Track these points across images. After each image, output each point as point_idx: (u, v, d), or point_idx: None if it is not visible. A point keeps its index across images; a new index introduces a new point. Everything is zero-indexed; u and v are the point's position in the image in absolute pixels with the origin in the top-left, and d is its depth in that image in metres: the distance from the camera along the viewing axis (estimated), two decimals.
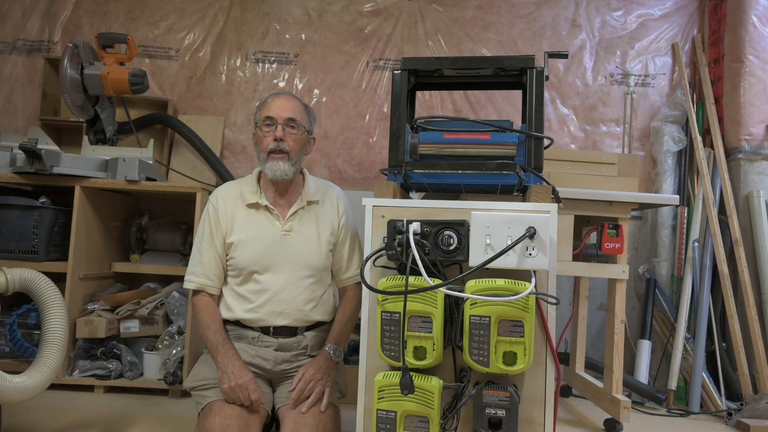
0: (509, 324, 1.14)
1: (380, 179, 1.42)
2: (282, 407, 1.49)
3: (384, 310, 1.19)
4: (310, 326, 1.61)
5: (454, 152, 1.39)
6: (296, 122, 1.56)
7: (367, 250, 1.29)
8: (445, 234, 1.21)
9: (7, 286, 1.55)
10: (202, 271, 1.57)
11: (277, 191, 1.62)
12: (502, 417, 1.15)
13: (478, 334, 1.14)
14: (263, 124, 1.55)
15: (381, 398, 1.18)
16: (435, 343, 1.17)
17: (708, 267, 2.61)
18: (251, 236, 1.56)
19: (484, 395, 1.16)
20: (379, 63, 3.01)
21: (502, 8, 3.04)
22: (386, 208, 1.30)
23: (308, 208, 1.63)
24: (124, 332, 2.32)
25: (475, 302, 1.14)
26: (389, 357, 1.19)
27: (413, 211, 1.29)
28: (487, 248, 1.17)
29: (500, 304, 1.13)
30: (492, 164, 1.34)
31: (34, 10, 3.00)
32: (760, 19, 2.75)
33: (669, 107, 2.91)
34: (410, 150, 1.38)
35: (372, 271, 1.30)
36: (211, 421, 1.36)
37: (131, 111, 2.74)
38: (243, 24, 3.03)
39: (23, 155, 2.19)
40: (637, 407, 2.45)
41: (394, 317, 1.17)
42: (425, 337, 1.17)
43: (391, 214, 1.29)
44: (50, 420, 1.90)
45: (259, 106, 1.60)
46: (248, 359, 1.54)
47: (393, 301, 1.17)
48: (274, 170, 1.54)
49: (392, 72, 1.45)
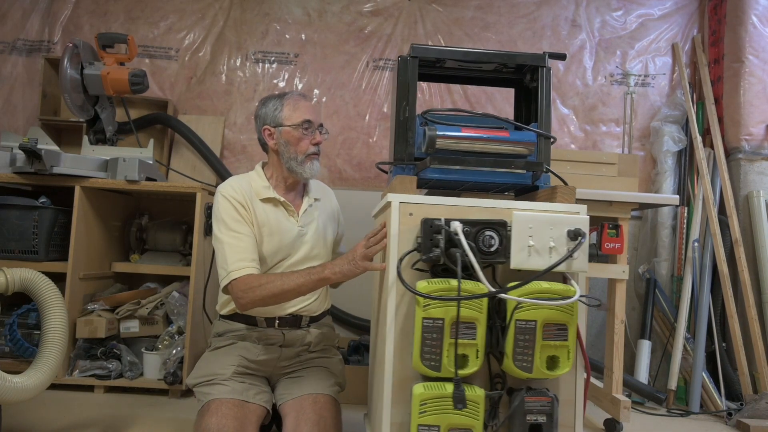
0: (554, 327, 1.11)
1: (378, 178, 1.41)
2: (283, 403, 1.50)
3: (427, 316, 1.09)
4: (313, 318, 1.63)
5: (472, 148, 1.34)
6: (323, 126, 1.66)
7: (394, 251, 1.19)
8: (486, 234, 1.14)
9: (7, 286, 1.55)
10: (250, 257, 1.49)
11: (287, 188, 1.64)
12: (543, 423, 1.12)
13: (524, 339, 1.10)
14: (302, 127, 1.58)
15: (423, 412, 1.08)
16: (479, 350, 1.11)
17: (708, 267, 2.61)
18: (272, 230, 1.57)
19: (526, 402, 1.11)
20: (379, 63, 3.01)
21: (502, 8, 3.04)
22: (414, 205, 1.20)
23: (315, 205, 1.68)
24: (124, 332, 2.32)
25: (522, 306, 1.09)
26: (429, 367, 1.09)
27: (442, 209, 1.20)
28: (530, 250, 1.12)
29: (547, 308, 1.10)
30: (521, 163, 1.31)
31: (34, 10, 2.99)
32: (760, 19, 2.75)
33: (669, 107, 2.91)
34: (428, 143, 1.31)
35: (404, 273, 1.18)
36: (208, 421, 1.36)
37: (131, 111, 2.74)
38: (243, 24, 3.03)
39: (23, 155, 2.19)
40: (637, 407, 2.45)
41: (437, 324, 1.08)
42: (469, 344, 1.10)
43: (419, 211, 1.19)
44: (50, 420, 1.90)
45: (283, 105, 1.60)
46: (252, 358, 1.54)
47: (436, 307, 1.08)
48: (312, 171, 1.60)
49: (399, 58, 1.40)
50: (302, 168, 1.59)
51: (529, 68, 1.52)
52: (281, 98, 1.63)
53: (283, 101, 1.61)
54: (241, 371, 1.52)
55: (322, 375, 1.58)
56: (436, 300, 1.08)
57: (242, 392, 1.46)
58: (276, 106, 1.61)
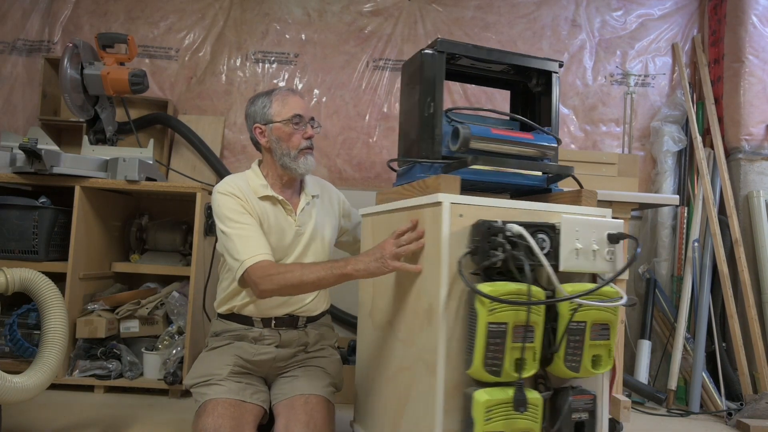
0: (599, 327, 1.14)
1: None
2: (276, 403, 1.49)
3: (493, 320, 1.06)
4: (311, 318, 1.63)
5: (501, 149, 1.34)
6: (315, 119, 1.63)
7: (444, 254, 1.14)
8: (538, 237, 1.13)
9: (7, 286, 1.55)
10: (261, 245, 1.46)
11: (283, 186, 1.63)
12: (586, 420, 1.14)
13: (575, 340, 1.12)
14: (292, 122, 1.57)
15: (489, 419, 1.06)
16: (535, 352, 1.11)
17: (708, 267, 2.61)
18: (270, 228, 1.56)
19: (573, 401, 1.13)
20: (379, 63, 3.01)
21: (502, 8, 3.04)
22: (465, 206, 1.16)
23: (312, 202, 1.66)
24: (124, 332, 2.32)
25: (576, 308, 1.11)
26: (490, 372, 1.08)
27: (492, 211, 1.18)
28: (578, 252, 1.14)
29: (596, 309, 1.12)
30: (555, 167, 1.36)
31: (34, 10, 2.99)
32: (760, 19, 2.75)
33: (669, 107, 2.91)
34: (462, 142, 1.29)
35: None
36: (204, 421, 1.36)
37: (131, 111, 2.74)
38: (243, 24, 3.03)
39: (23, 155, 2.19)
40: (637, 407, 2.45)
41: (501, 328, 1.06)
42: (528, 347, 1.10)
43: (469, 213, 1.16)
44: (50, 420, 1.90)
45: (271, 102, 1.59)
46: (248, 357, 1.54)
47: (503, 311, 1.07)
48: (307, 166, 1.59)
49: (422, 53, 1.36)
50: (296, 163, 1.57)
51: (536, 72, 1.53)
52: (269, 95, 1.61)
53: (272, 97, 1.60)
54: (238, 371, 1.52)
55: (317, 375, 1.57)
56: (506, 304, 1.06)
57: (239, 392, 1.45)
58: (265, 104, 1.60)
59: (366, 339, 1.58)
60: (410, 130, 1.43)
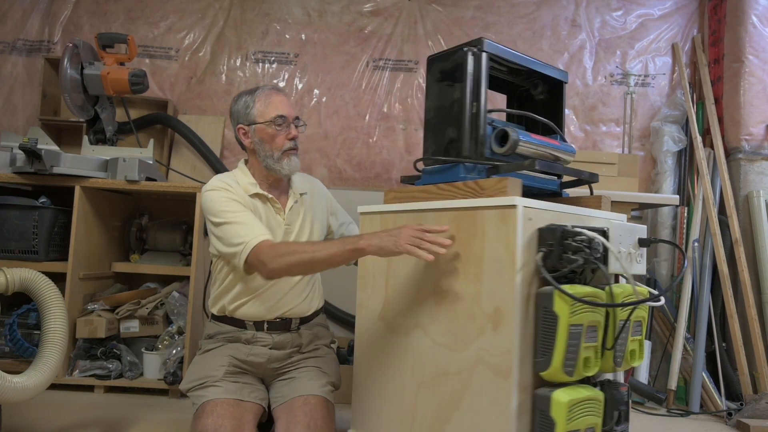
0: (636, 324, 1.21)
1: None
2: (276, 407, 1.49)
3: (573, 323, 1.09)
4: (304, 319, 1.62)
5: (536, 152, 1.35)
6: (300, 119, 1.60)
7: (519, 258, 1.13)
8: (596, 241, 1.17)
9: (7, 286, 1.55)
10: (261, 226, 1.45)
11: (270, 185, 1.61)
12: (623, 411, 1.19)
13: (622, 337, 1.17)
14: (275, 123, 1.55)
15: (571, 419, 1.09)
16: (597, 351, 1.15)
17: (708, 267, 2.61)
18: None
19: (623, 393, 1.18)
20: (379, 63, 3.01)
21: (502, 8, 3.04)
22: (534, 210, 1.16)
23: (301, 200, 1.65)
24: (124, 332, 2.32)
25: (634, 308, 1.17)
26: (567, 373, 1.10)
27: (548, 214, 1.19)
28: (621, 256, 1.20)
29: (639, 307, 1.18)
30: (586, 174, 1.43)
31: (34, 10, 3.00)
32: (760, 19, 2.75)
33: (669, 107, 2.91)
34: (511, 145, 1.30)
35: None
36: (204, 422, 1.35)
37: (131, 111, 2.74)
38: (243, 24, 3.03)
39: (23, 155, 2.19)
40: (637, 407, 2.45)
41: (578, 330, 1.10)
42: (593, 346, 1.14)
43: (538, 217, 1.16)
44: (50, 420, 1.90)
45: (254, 101, 1.57)
46: (242, 357, 1.54)
47: (581, 313, 1.10)
48: (291, 166, 1.57)
49: (466, 52, 1.34)
50: (280, 165, 1.55)
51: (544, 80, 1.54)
52: (252, 93, 1.58)
53: (255, 97, 1.57)
54: (233, 371, 1.51)
55: (314, 375, 1.56)
56: (594, 306, 1.11)
57: (236, 391, 1.45)
58: (247, 103, 1.57)
59: (373, 342, 1.49)
60: (446, 128, 1.39)
